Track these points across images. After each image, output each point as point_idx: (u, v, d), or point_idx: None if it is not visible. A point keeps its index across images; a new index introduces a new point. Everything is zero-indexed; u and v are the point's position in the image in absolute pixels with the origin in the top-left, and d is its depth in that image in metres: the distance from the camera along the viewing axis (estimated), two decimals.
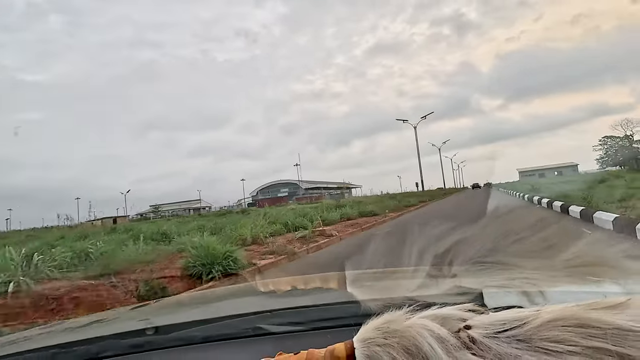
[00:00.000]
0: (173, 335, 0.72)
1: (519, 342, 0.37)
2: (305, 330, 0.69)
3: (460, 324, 0.40)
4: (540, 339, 0.36)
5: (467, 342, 0.38)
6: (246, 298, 1.23)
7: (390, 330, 0.41)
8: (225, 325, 0.73)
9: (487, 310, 0.44)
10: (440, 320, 0.41)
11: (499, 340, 0.37)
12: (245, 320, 0.75)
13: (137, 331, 0.76)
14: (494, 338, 0.38)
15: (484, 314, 0.42)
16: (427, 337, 0.39)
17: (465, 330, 0.39)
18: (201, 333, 0.72)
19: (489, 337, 0.38)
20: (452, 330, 0.39)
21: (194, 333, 0.72)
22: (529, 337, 0.37)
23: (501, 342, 0.37)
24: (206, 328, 0.73)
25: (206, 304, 1.23)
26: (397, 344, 0.40)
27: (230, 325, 0.73)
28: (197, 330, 0.73)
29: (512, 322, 0.38)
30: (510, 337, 0.37)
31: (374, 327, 0.43)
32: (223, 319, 0.76)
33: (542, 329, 0.37)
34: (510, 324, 0.38)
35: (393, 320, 0.43)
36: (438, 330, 0.39)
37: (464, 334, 0.39)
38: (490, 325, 0.39)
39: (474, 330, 0.39)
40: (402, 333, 0.40)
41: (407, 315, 0.43)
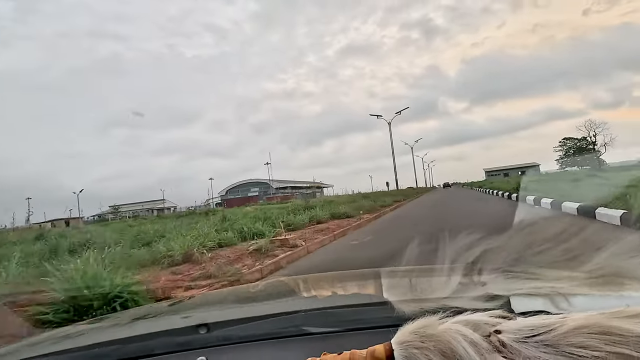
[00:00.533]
0: (216, 333, 0.72)
1: (546, 347, 0.39)
2: (342, 330, 0.69)
3: (491, 329, 0.43)
4: (566, 344, 0.39)
5: (497, 346, 0.41)
6: (288, 295, 1.22)
7: (426, 334, 0.45)
8: (265, 324, 0.74)
9: (514, 315, 0.47)
10: (472, 326, 0.44)
11: (528, 345, 0.40)
12: (284, 319, 0.75)
13: (182, 329, 0.78)
14: (523, 343, 0.40)
15: (512, 320, 0.45)
16: (461, 341, 0.42)
17: (495, 335, 0.42)
18: (240, 332, 0.72)
19: (518, 341, 0.41)
20: (483, 335, 0.42)
21: (233, 332, 0.72)
22: (555, 342, 0.39)
23: (530, 346, 0.40)
24: (245, 327, 0.73)
25: (244, 301, 1.20)
26: (434, 347, 0.43)
27: (269, 325, 0.74)
28: (237, 329, 0.73)
29: (539, 328, 0.41)
30: (538, 342, 0.40)
31: (411, 330, 0.46)
32: (262, 317, 0.77)
33: (568, 335, 0.39)
34: (537, 330, 0.41)
35: (428, 325, 0.46)
36: (471, 335, 0.42)
37: (494, 338, 0.42)
38: (518, 331, 0.42)
39: (504, 335, 0.42)
40: (437, 337, 0.43)
41: (441, 321, 0.46)
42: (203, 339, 0.71)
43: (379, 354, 0.46)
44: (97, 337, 0.85)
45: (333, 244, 7.62)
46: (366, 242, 7.13)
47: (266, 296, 1.23)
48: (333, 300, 1.01)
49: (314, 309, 0.82)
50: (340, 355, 0.49)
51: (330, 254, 6.52)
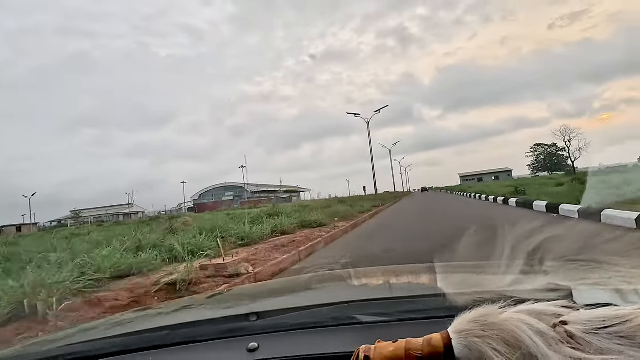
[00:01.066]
0: (267, 321, 0.72)
1: (621, 338, 0.38)
2: (395, 320, 0.68)
3: (556, 320, 0.41)
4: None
5: (565, 337, 0.39)
6: (337, 286, 1.22)
7: (487, 322, 0.43)
8: (316, 312, 0.74)
9: (580, 307, 0.45)
10: (536, 315, 0.42)
11: (599, 336, 0.38)
12: (335, 309, 0.75)
13: (232, 317, 0.79)
14: (594, 334, 0.39)
15: (578, 311, 0.43)
16: (527, 331, 0.40)
17: (562, 326, 0.40)
18: (291, 320, 0.71)
19: (588, 332, 0.39)
20: (548, 325, 0.41)
21: (284, 320, 0.72)
22: (632, 334, 0.38)
23: (602, 338, 0.38)
24: (296, 315, 0.73)
25: (298, 291, 1.21)
26: (497, 336, 0.41)
27: (321, 313, 0.74)
28: (288, 317, 0.73)
29: (612, 320, 0.39)
30: (611, 334, 0.38)
31: (470, 319, 0.45)
32: (316, 307, 0.78)
33: None
34: (610, 321, 0.39)
35: (489, 313, 0.44)
36: (537, 325, 0.40)
37: (561, 329, 0.40)
38: (588, 322, 0.40)
39: (572, 325, 0.40)
40: (500, 326, 0.42)
41: (502, 310, 0.44)
42: (254, 326, 0.71)
43: (436, 342, 0.45)
44: (148, 324, 0.89)
45: (295, 269, 5.50)
46: (336, 267, 5.06)
47: (318, 287, 1.23)
48: (385, 291, 1.05)
49: (367, 299, 0.83)
50: (395, 343, 0.48)
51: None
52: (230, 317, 0.78)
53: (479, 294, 0.59)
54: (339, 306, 0.74)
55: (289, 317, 0.72)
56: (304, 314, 0.72)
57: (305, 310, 0.74)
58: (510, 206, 11.51)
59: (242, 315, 0.74)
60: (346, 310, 0.72)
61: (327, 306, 0.76)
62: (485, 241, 0.83)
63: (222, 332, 0.71)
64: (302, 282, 1.40)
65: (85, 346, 0.75)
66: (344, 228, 9.73)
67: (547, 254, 0.76)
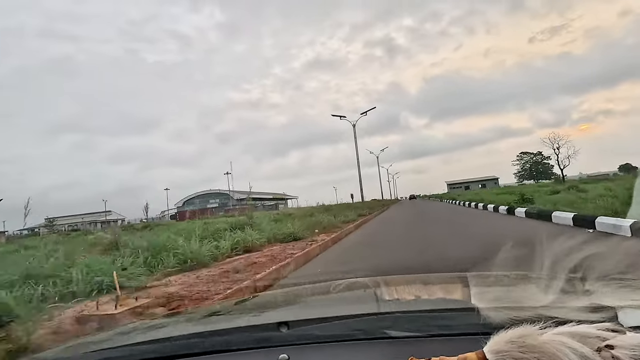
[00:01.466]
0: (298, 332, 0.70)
1: None
2: (427, 336, 0.65)
3: (601, 343, 0.38)
4: None
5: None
6: (366, 295, 1.18)
7: (526, 344, 0.40)
8: (347, 324, 0.71)
9: (626, 329, 0.42)
10: (579, 338, 0.39)
11: None
12: (366, 321, 0.73)
13: (263, 325, 0.78)
14: None
15: (625, 334, 0.40)
16: (569, 354, 0.37)
17: (607, 350, 0.38)
18: (322, 332, 0.70)
19: (637, 358, 0.36)
20: (592, 349, 0.38)
21: (315, 331, 0.70)
22: None
23: None
24: (327, 327, 0.71)
25: (326, 299, 1.18)
26: (536, 359, 0.38)
27: (352, 325, 0.71)
28: (318, 328, 0.71)
29: None
30: None
31: (507, 339, 0.42)
32: (345, 317, 0.75)
33: None
34: None
35: (527, 334, 0.42)
36: (580, 348, 0.38)
37: (607, 354, 0.37)
38: (637, 347, 0.37)
39: (618, 350, 0.37)
40: (539, 348, 0.39)
41: (541, 331, 0.42)
42: (284, 337, 0.70)
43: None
44: (180, 330, 0.89)
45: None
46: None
47: (347, 296, 1.19)
48: (417, 303, 0.99)
49: (398, 311, 0.80)
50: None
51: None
52: (260, 326, 0.78)
53: (516, 311, 0.56)
54: (369, 318, 0.75)
55: (318, 327, 0.71)
56: (333, 325, 0.71)
57: (334, 322, 0.72)
58: (518, 217, 9.99)
59: (273, 324, 0.72)
60: (376, 322, 0.71)
61: (356, 317, 0.74)
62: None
63: (253, 342, 0.71)
64: (330, 289, 1.29)
65: (117, 352, 0.76)
66: (322, 243, 8.12)
67: (589, 272, 0.71)
